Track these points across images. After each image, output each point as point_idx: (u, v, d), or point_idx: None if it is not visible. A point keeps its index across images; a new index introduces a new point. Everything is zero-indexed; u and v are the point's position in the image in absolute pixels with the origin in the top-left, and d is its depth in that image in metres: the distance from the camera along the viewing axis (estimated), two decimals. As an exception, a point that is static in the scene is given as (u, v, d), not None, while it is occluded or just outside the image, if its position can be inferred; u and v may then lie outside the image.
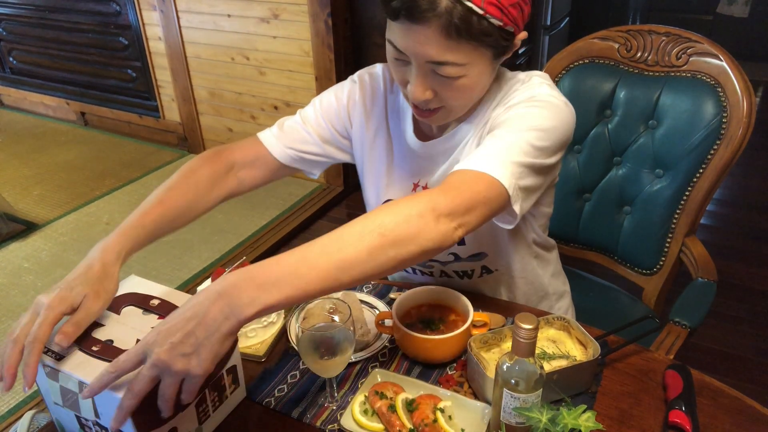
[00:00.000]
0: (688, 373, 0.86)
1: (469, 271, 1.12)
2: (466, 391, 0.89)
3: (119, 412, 0.66)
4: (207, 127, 3.53)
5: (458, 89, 0.88)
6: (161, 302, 0.83)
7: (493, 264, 1.11)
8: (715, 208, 2.98)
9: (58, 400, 0.77)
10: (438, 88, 0.88)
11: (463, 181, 0.82)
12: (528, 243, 1.12)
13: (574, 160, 1.46)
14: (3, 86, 4.46)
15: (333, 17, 2.76)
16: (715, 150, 1.25)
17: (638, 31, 1.35)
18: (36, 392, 1.97)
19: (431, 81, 0.87)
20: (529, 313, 0.70)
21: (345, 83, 1.11)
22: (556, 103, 0.91)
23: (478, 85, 0.90)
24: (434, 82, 0.87)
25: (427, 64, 0.85)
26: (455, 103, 0.92)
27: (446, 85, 0.87)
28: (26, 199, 3.23)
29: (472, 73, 0.86)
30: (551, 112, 0.90)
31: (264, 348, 0.98)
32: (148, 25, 3.41)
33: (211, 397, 0.82)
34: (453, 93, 0.89)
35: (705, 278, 1.25)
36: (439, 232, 0.76)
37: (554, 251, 1.23)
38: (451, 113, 0.95)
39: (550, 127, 0.89)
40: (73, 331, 0.76)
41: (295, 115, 1.12)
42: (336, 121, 1.10)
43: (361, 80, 1.10)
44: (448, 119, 0.97)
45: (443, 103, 0.91)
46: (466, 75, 0.86)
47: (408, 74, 0.89)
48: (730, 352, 2.08)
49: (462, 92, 0.89)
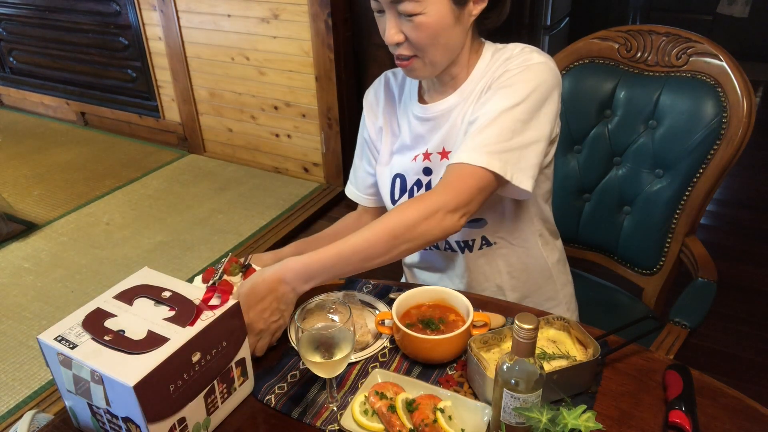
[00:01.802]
0: (688, 373, 0.86)
1: (470, 242, 1.15)
2: (466, 391, 0.89)
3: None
4: (207, 127, 3.53)
5: (420, 28, 0.98)
6: (173, 294, 0.84)
7: (493, 234, 1.14)
8: (715, 208, 2.98)
9: (71, 387, 0.79)
10: (405, 29, 1.00)
11: (458, 177, 0.98)
12: (530, 216, 1.16)
13: (574, 160, 1.46)
14: (3, 86, 4.46)
15: (333, 17, 2.76)
16: (715, 150, 1.25)
17: (638, 31, 1.35)
18: (36, 392, 1.97)
19: (398, 23, 1.00)
20: (529, 313, 0.70)
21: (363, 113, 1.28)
22: (529, 65, 1.01)
23: (437, 27, 0.99)
24: (401, 24, 1.00)
25: (392, 5, 0.98)
26: (422, 45, 1.01)
27: (410, 25, 0.99)
28: (26, 199, 3.23)
29: (430, 11, 0.97)
30: (527, 76, 1.01)
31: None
32: (148, 25, 3.41)
33: (220, 388, 0.83)
34: (417, 33, 0.99)
35: (705, 278, 1.25)
36: (446, 227, 0.96)
37: (559, 241, 1.27)
38: (426, 65, 1.04)
39: (529, 91, 1.00)
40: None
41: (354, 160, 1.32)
42: (368, 146, 1.27)
43: (366, 98, 1.26)
44: (426, 72, 1.06)
45: (414, 48, 1.02)
46: (424, 13, 0.97)
47: (384, 24, 1.02)
48: (730, 352, 2.08)
49: (424, 31, 0.99)
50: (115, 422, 0.77)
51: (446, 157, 1.11)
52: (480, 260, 1.18)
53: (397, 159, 1.20)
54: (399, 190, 1.19)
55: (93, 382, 0.75)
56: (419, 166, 1.15)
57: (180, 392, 0.77)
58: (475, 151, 0.97)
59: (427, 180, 1.15)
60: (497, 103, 1.00)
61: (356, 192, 1.32)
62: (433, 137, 1.13)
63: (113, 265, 2.62)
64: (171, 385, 0.75)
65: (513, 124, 0.99)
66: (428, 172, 1.15)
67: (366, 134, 1.26)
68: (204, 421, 0.83)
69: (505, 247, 1.16)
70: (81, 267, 2.63)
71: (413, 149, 1.17)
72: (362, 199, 1.31)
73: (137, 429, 0.74)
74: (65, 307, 2.37)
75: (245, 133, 3.39)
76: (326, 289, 1.12)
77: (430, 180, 1.15)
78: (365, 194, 1.30)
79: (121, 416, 0.75)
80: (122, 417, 0.75)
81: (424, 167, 1.15)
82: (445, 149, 1.11)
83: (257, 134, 3.35)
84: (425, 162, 1.14)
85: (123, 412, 0.74)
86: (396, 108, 1.21)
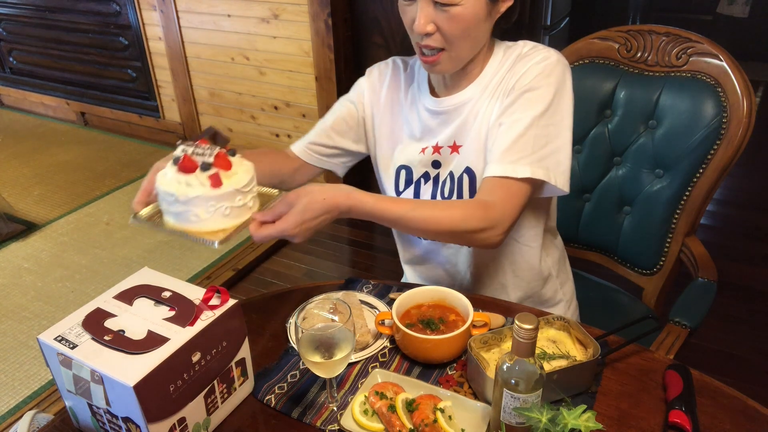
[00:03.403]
0: (688, 373, 0.86)
1: None
2: (466, 391, 0.89)
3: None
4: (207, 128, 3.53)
5: (455, 19, 0.98)
6: (173, 294, 0.84)
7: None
8: (715, 208, 2.98)
9: (71, 387, 0.79)
10: (437, 19, 0.99)
11: (508, 195, 1.01)
12: (539, 213, 1.16)
13: (574, 160, 1.46)
14: (3, 86, 4.46)
15: (333, 17, 2.76)
16: (715, 150, 1.25)
17: (638, 31, 1.35)
18: (36, 392, 1.97)
19: (432, 12, 0.99)
20: (529, 313, 0.70)
21: (360, 79, 1.24)
22: (548, 65, 1.03)
23: (472, 19, 0.99)
24: (434, 14, 0.99)
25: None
26: (453, 38, 1.00)
27: (444, 15, 0.98)
28: (26, 199, 3.23)
29: (467, 3, 0.97)
30: (549, 79, 1.02)
31: (221, 236, 0.86)
32: (148, 25, 3.41)
33: (220, 388, 0.83)
34: (450, 24, 0.99)
35: (705, 278, 1.25)
36: (493, 243, 1.01)
37: (558, 239, 1.29)
38: (452, 59, 1.04)
39: (553, 93, 1.02)
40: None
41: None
42: (350, 113, 1.22)
43: (370, 72, 1.23)
44: (449, 66, 1.05)
45: (444, 40, 1.01)
46: (462, 4, 0.97)
47: (414, 13, 1.00)
48: (730, 352, 2.08)
49: (458, 23, 0.99)
50: (115, 422, 0.77)
51: (456, 151, 1.12)
52: (485, 258, 1.18)
53: (401, 150, 1.19)
54: (404, 182, 1.19)
55: (93, 382, 0.75)
56: (428, 158, 1.15)
57: (180, 392, 0.77)
58: (516, 164, 1.00)
59: (435, 173, 1.15)
60: (526, 111, 1.02)
61: (302, 147, 1.24)
62: (444, 131, 1.13)
63: (113, 265, 2.62)
64: (171, 385, 0.75)
65: (545, 129, 1.02)
66: (437, 165, 1.15)
67: (358, 110, 1.22)
68: (204, 421, 0.83)
69: (510, 245, 1.17)
70: (81, 267, 2.63)
71: (421, 141, 1.16)
72: (307, 155, 1.24)
73: (137, 429, 0.74)
74: (65, 307, 2.37)
75: (245, 133, 3.39)
76: (326, 289, 1.12)
77: (438, 174, 1.15)
78: (314, 152, 1.24)
79: (121, 416, 0.75)
80: (122, 417, 0.75)
81: (434, 160, 1.15)
82: (456, 143, 1.12)
83: (257, 134, 3.35)
84: (435, 155, 1.14)
85: (123, 412, 0.74)
86: (401, 97, 1.20)
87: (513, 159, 1.01)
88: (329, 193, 0.93)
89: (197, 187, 0.84)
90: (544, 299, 1.24)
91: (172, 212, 0.86)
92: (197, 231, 0.86)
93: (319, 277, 2.60)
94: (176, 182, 0.85)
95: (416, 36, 1.02)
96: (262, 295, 1.14)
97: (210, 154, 0.87)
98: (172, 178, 0.85)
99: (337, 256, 2.74)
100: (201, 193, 0.83)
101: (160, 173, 0.88)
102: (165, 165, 0.90)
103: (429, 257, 1.25)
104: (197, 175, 0.85)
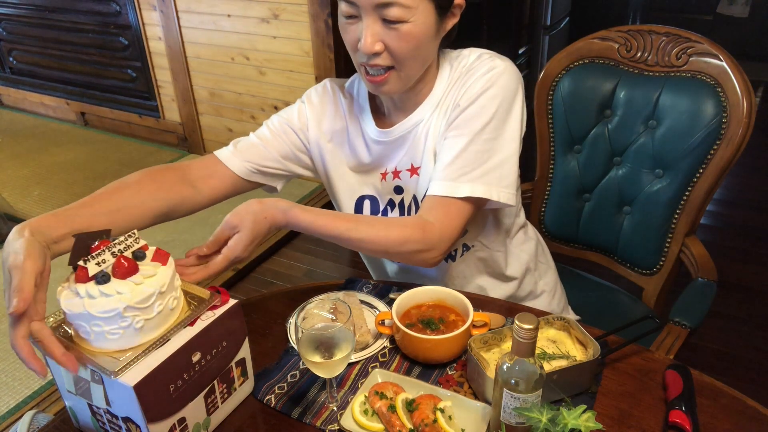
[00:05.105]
0: (688, 373, 0.86)
1: (452, 252, 1.15)
2: (466, 391, 0.89)
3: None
4: (207, 127, 3.53)
5: (404, 38, 0.93)
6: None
7: (473, 239, 1.15)
8: (715, 208, 2.98)
9: (71, 387, 0.79)
10: (386, 38, 0.94)
11: (446, 215, 0.99)
12: (507, 215, 1.16)
13: (574, 160, 1.46)
14: (3, 86, 4.46)
15: (333, 17, 2.76)
16: (715, 150, 1.25)
17: (638, 31, 1.35)
18: (36, 392, 1.97)
19: (380, 31, 0.94)
20: (529, 313, 0.70)
21: (294, 105, 1.17)
22: (491, 77, 1.00)
23: (422, 38, 0.95)
24: (382, 32, 0.94)
25: (375, 10, 0.91)
26: (402, 57, 0.96)
27: (393, 33, 0.93)
28: (26, 199, 3.22)
29: (417, 20, 0.93)
30: (492, 92, 0.99)
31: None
32: (148, 25, 3.41)
33: (220, 388, 0.83)
34: (400, 43, 0.94)
35: (705, 278, 1.25)
36: (432, 263, 1.02)
37: (531, 229, 1.27)
38: (401, 79, 1.00)
39: (496, 107, 0.99)
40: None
41: (248, 136, 1.17)
42: (293, 139, 1.15)
43: (309, 98, 1.16)
44: (397, 86, 1.01)
45: (393, 59, 0.96)
46: (411, 21, 0.92)
47: (358, 32, 0.95)
48: (730, 352, 2.08)
49: (408, 41, 0.94)
50: (115, 422, 0.77)
51: (416, 173, 1.09)
52: (461, 266, 1.17)
53: (359, 180, 1.15)
54: (370, 213, 1.16)
55: (93, 382, 0.75)
56: (390, 185, 1.13)
57: (180, 392, 0.77)
58: (457, 181, 0.99)
59: (399, 199, 1.13)
60: (468, 126, 1.00)
61: (239, 161, 1.12)
62: (397, 155, 1.10)
63: (113, 265, 2.61)
64: (171, 385, 0.75)
65: (487, 144, 1.00)
66: (399, 191, 1.13)
67: (301, 139, 1.15)
68: (204, 421, 0.83)
69: (482, 250, 1.16)
70: (81, 267, 2.63)
71: (378, 168, 1.13)
72: (247, 173, 1.12)
73: (137, 429, 0.74)
74: (65, 307, 2.37)
75: (245, 133, 3.36)
76: (326, 289, 1.12)
77: (402, 199, 1.13)
78: (256, 171, 1.13)
79: (121, 416, 0.75)
80: (122, 417, 0.75)
81: (395, 186, 1.13)
82: (414, 165, 1.09)
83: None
84: (396, 180, 1.12)
85: (123, 412, 0.74)
86: (345, 122, 1.14)
87: (454, 176, 0.99)
88: (270, 211, 0.94)
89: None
90: (525, 294, 1.24)
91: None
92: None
93: (319, 277, 2.60)
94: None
95: (361, 56, 0.97)
96: (262, 295, 1.14)
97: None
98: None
99: (337, 256, 2.74)
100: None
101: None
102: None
103: (401, 275, 1.23)
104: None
